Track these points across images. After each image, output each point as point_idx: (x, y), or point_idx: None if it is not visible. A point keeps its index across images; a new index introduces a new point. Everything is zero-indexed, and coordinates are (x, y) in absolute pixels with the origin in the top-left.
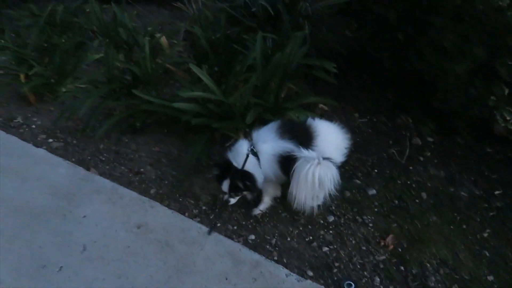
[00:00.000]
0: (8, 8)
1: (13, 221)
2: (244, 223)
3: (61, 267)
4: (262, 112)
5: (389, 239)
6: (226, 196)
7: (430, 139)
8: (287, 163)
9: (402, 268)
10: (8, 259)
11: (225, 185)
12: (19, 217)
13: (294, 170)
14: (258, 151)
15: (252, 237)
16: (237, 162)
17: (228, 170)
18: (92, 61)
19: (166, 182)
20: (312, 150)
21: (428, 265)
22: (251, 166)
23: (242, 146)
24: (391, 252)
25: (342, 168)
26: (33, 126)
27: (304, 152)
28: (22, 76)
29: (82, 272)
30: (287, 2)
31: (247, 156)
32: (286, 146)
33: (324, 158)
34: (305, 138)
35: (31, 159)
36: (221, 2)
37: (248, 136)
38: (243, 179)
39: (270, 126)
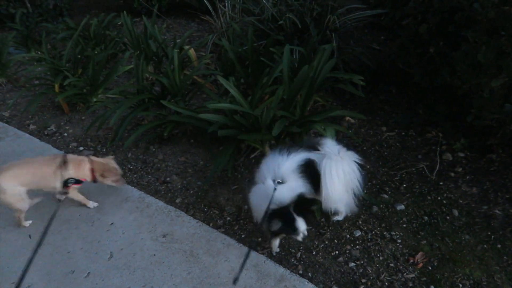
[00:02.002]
0: (46, 21)
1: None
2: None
3: (88, 273)
4: (288, 124)
5: (419, 256)
6: (301, 235)
7: (462, 155)
8: (311, 174)
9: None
10: (39, 264)
11: (301, 225)
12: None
13: (322, 169)
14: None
15: (277, 249)
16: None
17: (285, 212)
18: (122, 72)
19: (191, 192)
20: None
21: (461, 285)
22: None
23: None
24: (421, 271)
25: (369, 182)
26: (65, 134)
27: (324, 149)
28: (56, 86)
29: (109, 279)
30: (314, 15)
31: (275, 189)
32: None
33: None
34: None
35: None
36: (248, 15)
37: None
38: (305, 206)
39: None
